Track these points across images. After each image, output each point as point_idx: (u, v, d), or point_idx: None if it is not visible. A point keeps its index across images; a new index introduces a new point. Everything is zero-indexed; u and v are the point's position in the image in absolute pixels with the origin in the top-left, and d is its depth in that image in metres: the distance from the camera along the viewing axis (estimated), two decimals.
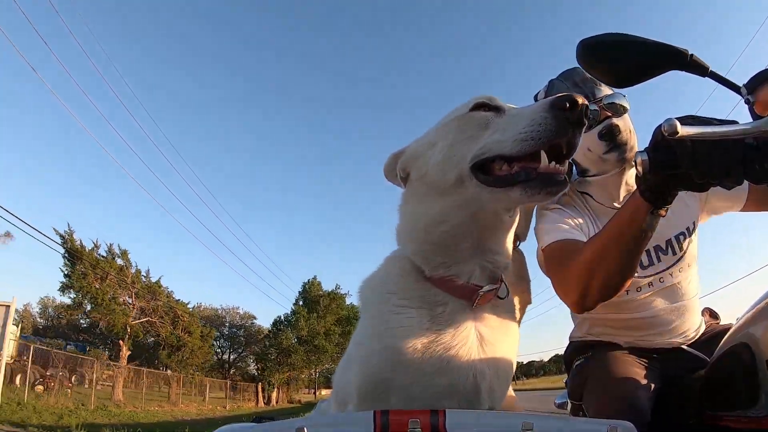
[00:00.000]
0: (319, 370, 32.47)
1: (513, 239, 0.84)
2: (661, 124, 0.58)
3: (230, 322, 33.60)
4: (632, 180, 1.15)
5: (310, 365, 29.63)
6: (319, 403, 1.52)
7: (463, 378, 0.72)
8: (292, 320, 28.20)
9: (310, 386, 38.93)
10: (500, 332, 0.79)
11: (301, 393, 36.77)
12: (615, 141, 1.12)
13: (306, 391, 38.81)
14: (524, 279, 1.18)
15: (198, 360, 23.93)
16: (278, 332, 28.09)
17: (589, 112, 0.66)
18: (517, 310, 0.89)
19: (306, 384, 37.86)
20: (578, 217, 1.16)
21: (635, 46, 0.67)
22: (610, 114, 1.12)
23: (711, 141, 0.57)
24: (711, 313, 1.42)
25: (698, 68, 0.65)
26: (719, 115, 0.64)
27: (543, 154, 0.67)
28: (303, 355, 27.40)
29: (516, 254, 1.11)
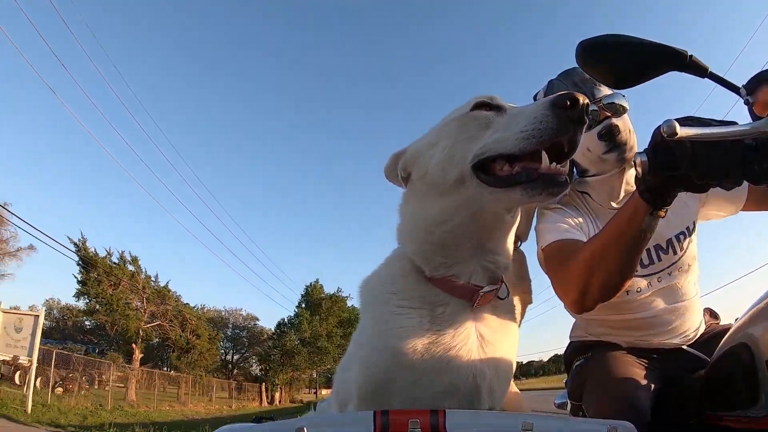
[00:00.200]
0: (321, 371, 32.58)
1: (514, 239, 0.84)
2: (660, 126, 0.58)
3: (233, 324, 33.74)
4: (632, 180, 1.14)
5: (312, 366, 29.84)
6: (318, 403, 1.52)
7: (464, 378, 0.72)
8: (295, 322, 28.38)
9: (311, 386, 39.11)
10: (500, 332, 0.79)
11: (302, 393, 36.84)
12: (614, 141, 1.12)
13: (306, 391, 38.93)
14: (525, 279, 1.18)
15: (207, 362, 24.35)
16: (282, 334, 28.27)
17: (589, 111, 0.66)
18: (517, 310, 0.89)
19: (307, 384, 38.03)
20: (578, 217, 1.16)
21: (634, 47, 0.66)
22: (609, 114, 1.12)
23: (710, 142, 0.57)
24: (711, 313, 1.42)
25: (697, 69, 0.65)
26: (718, 116, 0.65)
27: (544, 154, 0.67)
28: (306, 356, 27.60)
29: (517, 254, 1.11)
